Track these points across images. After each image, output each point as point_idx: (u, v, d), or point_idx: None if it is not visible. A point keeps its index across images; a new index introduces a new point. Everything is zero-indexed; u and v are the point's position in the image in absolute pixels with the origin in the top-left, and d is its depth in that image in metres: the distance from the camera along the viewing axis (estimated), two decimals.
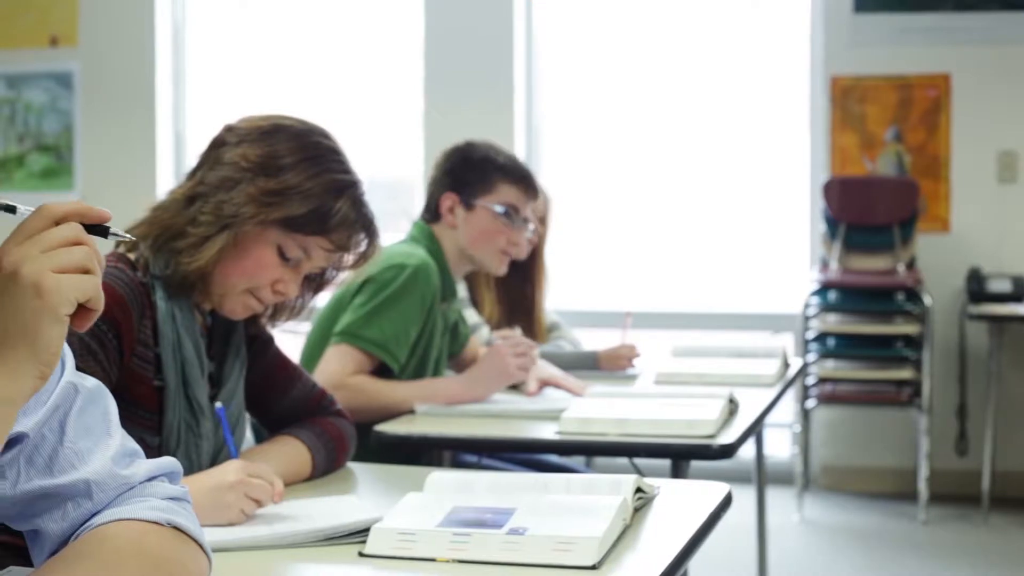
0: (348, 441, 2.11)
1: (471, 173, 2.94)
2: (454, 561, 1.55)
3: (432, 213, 2.97)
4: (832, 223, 5.30)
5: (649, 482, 1.85)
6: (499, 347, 2.73)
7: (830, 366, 5.24)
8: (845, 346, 5.24)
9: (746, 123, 5.78)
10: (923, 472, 5.10)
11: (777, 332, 5.48)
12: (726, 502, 1.90)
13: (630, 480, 1.78)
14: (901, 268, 5.24)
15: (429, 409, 2.64)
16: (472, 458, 2.86)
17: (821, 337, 5.22)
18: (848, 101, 5.51)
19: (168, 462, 1.38)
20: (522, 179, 2.96)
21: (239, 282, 1.92)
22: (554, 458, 3.23)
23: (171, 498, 1.34)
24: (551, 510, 1.67)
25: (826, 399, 5.26)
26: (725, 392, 2.64)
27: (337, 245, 1.95)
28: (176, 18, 6.29)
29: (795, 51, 5.69)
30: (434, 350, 2.85)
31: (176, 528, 1.31)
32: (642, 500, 1.81)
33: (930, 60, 5.45)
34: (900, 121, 5.48)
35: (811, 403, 5.26)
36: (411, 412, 2.64)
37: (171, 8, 6.28)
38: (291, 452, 2.00)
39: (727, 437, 2.41)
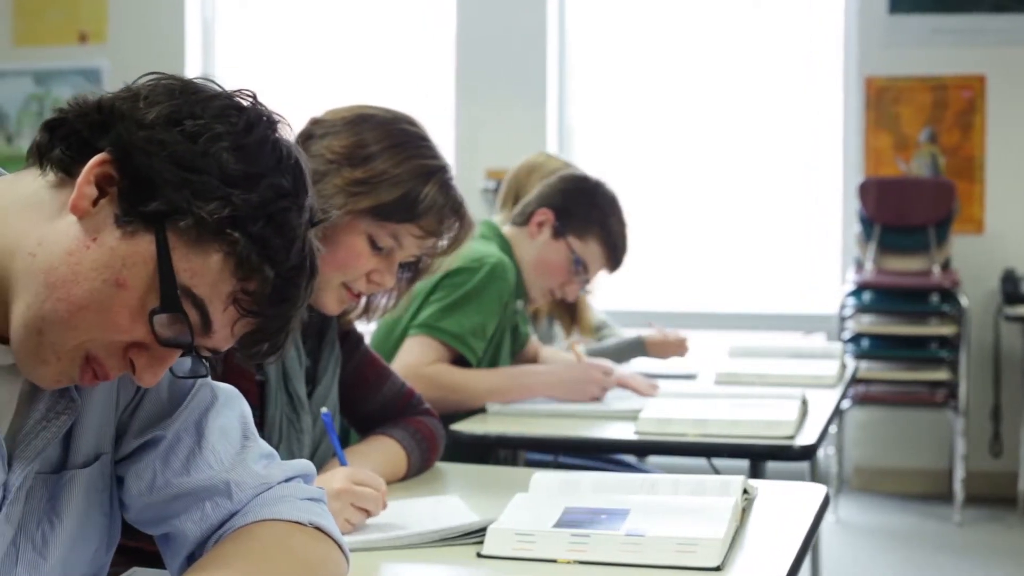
0: (439, 440, 2.10)
1: (580, 212, 2.92)
2: (575, 562, 1.54)
3: (523, 218, 2.96)
4: (867, 224, 5.30)
5: (751, 483, 1.85)
6: (592, 370, 2.74)
7: (864, 367, 5.23)
8: (880, 347, 5.24)
9: (780, 123, 5.77)
10: (959, 473, 5.09)
11: (809, 332, 5.47)
12: (825, 503, 1.90)
13: (738, 481, 1.77)
14: (936, 269, 5.23)
15: (501, 408, 2.63)
16: (546, 457, 2.85)
17: (856, 338, 5.21)
18: (882, 102, 5.51)
19: (303, 464, 1.38)
20: (614, 251, 2.95)
21: (333, 275, 1.90)
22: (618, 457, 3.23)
23: (310, 498, 1.33)
24: (665, 511, 1.66)
25: (860, 400, 5.26)
26: (797, 393, 2.63)
27: (427, 231, 1.93)
28: (206, 16, 6.28)
29: (829, 52, 5.68)
30: (506, 346, 2.85)
31: (318, 528, 1.30)
32: (747, 501, 1.80)
33: (965, 61, 5.44)
34: (934, 122, 5.48)
35: (845, 403, 5.26)
36: (482, 410, 2.64)
37: (201, 6, 6.27)
38: (388, 453, 1.99)
39: (804, 438, 2.40)
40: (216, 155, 1.13)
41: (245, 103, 1.19)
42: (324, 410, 1.82)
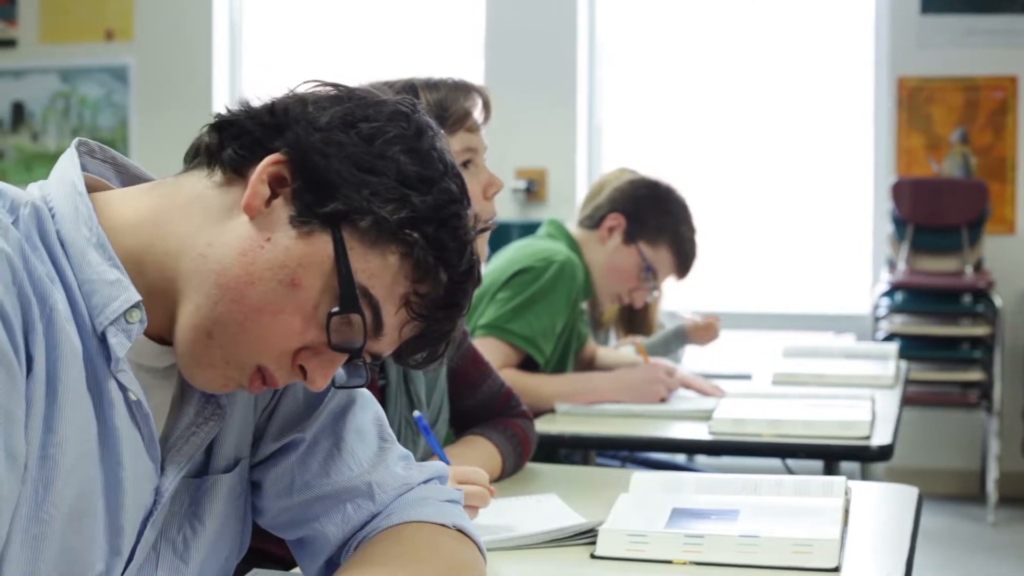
0: (532, 444, 2.10)
1: (652, 219, 2.94)
2: (690, 563, 1.54)
3: (593, 221, 2.95)
4: (900, 224, 5.30)
5: (849, 484, 1.85)
6: (657, 370, 2.74)
7: None
8: (912, 348, 5.23)
9: (812, 124, 5.77)
10: (993, 474, 5.09)
11: (839, 333, 5.47)
12: (919, 504, 1.90)
13: (841, 482, 1.77)
14: (969, 270, 5.23)
15: (570, 408, 2.63)
16: (613, 462, 2.85)
17: (888, 338, 5.21)
18: (914, 102, 5.51)
19: (438, 466, 1.37)
20: (684, 259, 2.98)
21: None
22: (655, 456, 3.23)
23: (449, 500, 1.33)
24: (774, 511, 1.66)
25: None
26: (864, 394, 2.64)
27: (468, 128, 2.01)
28: (233, 12, 6.28)
29: (861, 52, 5.68)
30: (573, 344, 2.85)
31: (460, 531, 1.30)
32: (846, 502, 1.80)
33: (997, 62, 5.44)
34: (966, 123, 5.48)
35: None
36: (551, 411, 2.64)
37: (228, 2, 6.26)
38: (483, 455, 1.99)
39: (879, 438, 2.40)
40: (393, 157, 1.13)
41: (407, 109, 1.18)
42: (416, 413, 1.82)
